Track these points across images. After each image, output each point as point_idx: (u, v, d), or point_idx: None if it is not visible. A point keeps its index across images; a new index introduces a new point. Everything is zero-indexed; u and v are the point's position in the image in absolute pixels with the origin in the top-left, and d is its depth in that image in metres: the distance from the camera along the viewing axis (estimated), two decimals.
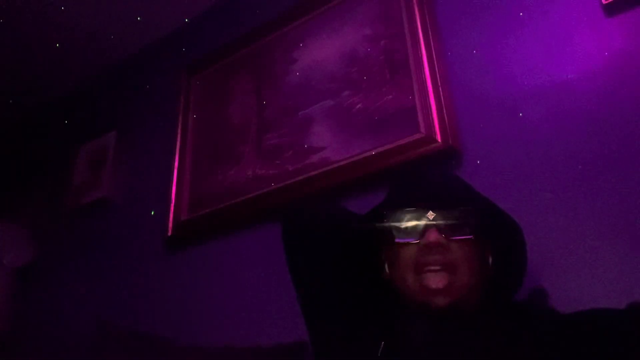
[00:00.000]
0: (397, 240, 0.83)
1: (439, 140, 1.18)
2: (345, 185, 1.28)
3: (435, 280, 0.77)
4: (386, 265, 0.86)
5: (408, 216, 0.83)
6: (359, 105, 1.37)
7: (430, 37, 1.30)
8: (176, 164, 1.69)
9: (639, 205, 0.96)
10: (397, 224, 0.84)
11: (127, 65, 2.18)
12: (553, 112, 1.10)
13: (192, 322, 1.46)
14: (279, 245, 1.37)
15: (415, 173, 1.00)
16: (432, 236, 0.79)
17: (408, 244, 0.82)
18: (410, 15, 1.34)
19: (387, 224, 0.86)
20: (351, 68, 1.43)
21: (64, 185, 2.06)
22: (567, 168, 1.04)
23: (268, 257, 1.39)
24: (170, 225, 1.61)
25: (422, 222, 0.81)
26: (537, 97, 1.13)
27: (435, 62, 1.26)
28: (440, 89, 1.23)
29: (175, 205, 1.62)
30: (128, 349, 1.51)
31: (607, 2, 1.09)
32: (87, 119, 2.21)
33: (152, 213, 1.72)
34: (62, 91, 2.32)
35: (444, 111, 1.21)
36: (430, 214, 0.81)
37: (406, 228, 0.82)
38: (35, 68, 2.20)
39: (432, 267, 0.78)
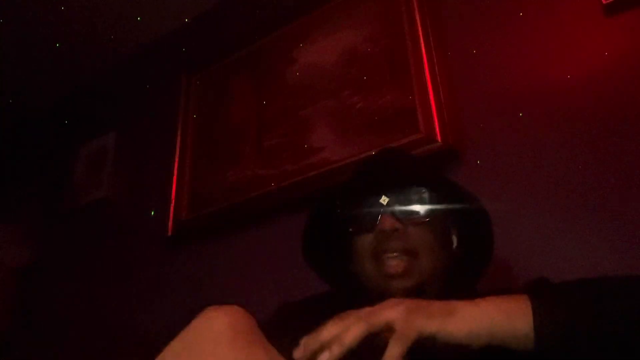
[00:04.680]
0: (351, 230, 0.80)
1: (439, 140, 1.17)
2: (344, 182, 1.28)
3: (394, 265, 0.74)
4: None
5: (361, 204, 0.80)
6: (359, 105, 1.37)
7: (430, 37, 1.30)
8: (176, 164, 1.69)
9: None
10: (350, 213, 0.81)
11: (127, 65, 2.18)
12: (553, 112, 1.10)
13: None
14: (279, 244, 1.38)
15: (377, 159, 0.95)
16: (387, 222, 0.76)
17: (365, 232, 0.79)
18: (410, 15, 1.34)
19: (340, 215, 0.83)
20: (351, 68, 1.43)
21: (64, 185, 2.06)
22: (567, 168, 1.04)
23: (268, 256, 1.40)
24: (170, 225, 1.61)
25: (376, 208, 0.77)
26: (537, 97, 1.13)
27: (435, 62, 1.26)
28: (440, 89, 1.23)
29: (175, 205, 1.63)
30: (128, 348, 1.52)
31: (607, 2, 1.09)
32: (87, 119, 2.21)
33: (152, 213, 1.72)
34: (62, 91, 2.32)
35: (444, 111, 1.21)
36: (384, 199, 0.78)
37: (360, 216, 0.79)
38: (35, 68, 2.19)
39: (390, 255, 0.75)
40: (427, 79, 1.24)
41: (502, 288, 0.78)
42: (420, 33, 1.30)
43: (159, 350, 0.52)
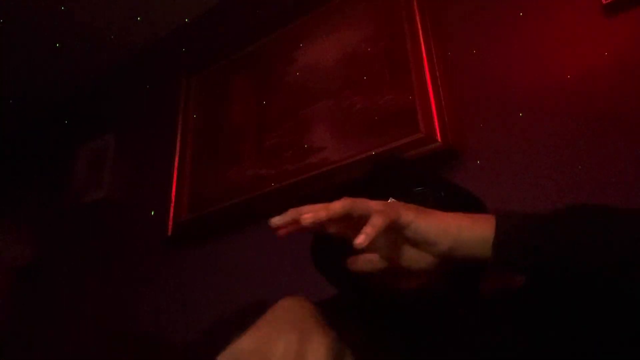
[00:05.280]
0: None
1: (439, 140, 1.17)
2: (345, 185, 1.28)
3: None
4: None
5: None
6: (359, 105, 1.37)
7: (430, 37, 1.30)
8: (176, 164, 1.69)
9: None
10: None
11: (127, 65, 2.18)
12: (553, 112, 1.10)
13: (191, 322, 1.46)
14: (279, 244, 1.38)
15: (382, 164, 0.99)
16: None
17: None
18: (410, 15, 1.34)
19: None
20: (351, 68, 1.43)
21: (64, 185, 2.06)
22: (567, 168, 1.05)
23: (268, 257, 1.40)
24: (170, 225, 1.61)
25: None
26: (537, 97, 1.13)
27: (435, 62, 1.26)
28: (440, 89, 1.23)
29: (175, 205, 1.63)
30: (127, 348, 1.52)
31: (607, 2, 1.09)
32: (87, 119, 2.21)
33: (152, 213, 1.72)
34: (62, 91, 2.32)
35: (444, 111, 1.21)
36: (390, 200, 0.79)
37: None
38: (35, 68, 2.20)
39: None
40: (427, 79, 1.24)
41: (503, 289, 0.78)
42: (420, 33, 1.30)
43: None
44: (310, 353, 0.56)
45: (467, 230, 0.57)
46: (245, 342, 0.56)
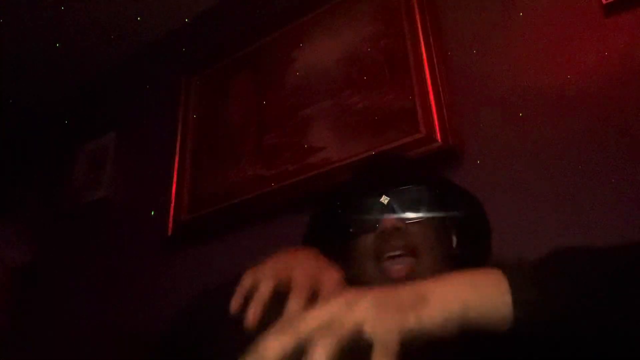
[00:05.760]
0: (352, 231, 0.80)
1: (439, 140, 1.17)
2: (340, 183, 1.28)
3: (397, 269, 0.74)
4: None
5: (361, 204, 0.80)
6: (359, 105, 1.37)
7: (431, 37, 1.30)
8: (176, 164, 1.69)
9: None
10: (351, 214, 0.81)
11: (127, 65, 2.18)
12: (553, 112, 1.10)
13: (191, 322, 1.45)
14: (279, 245, 1.37)
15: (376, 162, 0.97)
16: (388, 221, 0.76)
17: (366, 232, 0.78)
18: (410, 15, 1.34)
19: (340, 217, 0.82)
20: (351, 68, 1.43)
21: (64, 185, 2.06)
22: (567, 168, 1.04)
23: (268, 256, 1.39)
24: (170, 225, 1.61)
25: (377, 208, 0.78)
26: (537, 97, 1.13)
27: (435, 62, 1.26)
28: (440, 89, 1.23)
29: (175, 205, 1.62)
30: (127, 348, 1.52)
31: (607, 2, 1.09)
32: (87, 119, 2.21)
33: (152, 213, 1.72)
34: (62, 91, 2.32)
35: (444, 111, 1.21)
36: (384, 199, 0.78)
37: (361, 217, 0.80)
38: (35, 68, 2.20)
39: (392, 253, 0.75)
40: (427, 79, 1.24)
41: None
42: (420, 33, 1.30)
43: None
44: (325, 281, 0.60)
45: (476, 310, 0.48)
46: (268, 263, 0.63)
